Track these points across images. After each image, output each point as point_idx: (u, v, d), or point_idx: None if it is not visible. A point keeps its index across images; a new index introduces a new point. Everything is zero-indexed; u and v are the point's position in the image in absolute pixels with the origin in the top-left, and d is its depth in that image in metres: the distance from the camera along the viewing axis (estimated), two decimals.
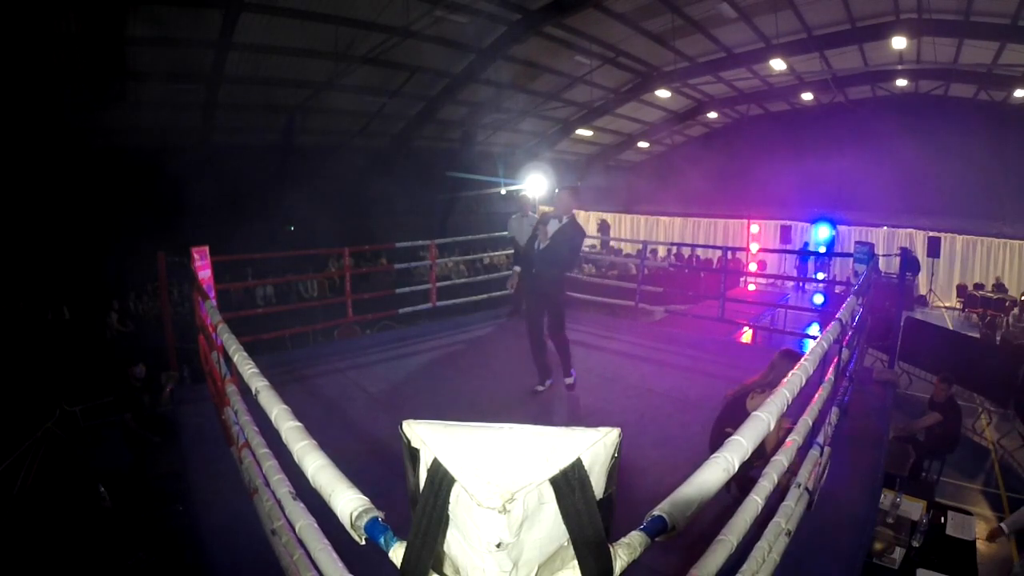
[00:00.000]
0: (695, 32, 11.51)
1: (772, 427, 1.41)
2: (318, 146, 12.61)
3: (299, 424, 1.41)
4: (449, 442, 0.68)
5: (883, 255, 11.09)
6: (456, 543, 0.70)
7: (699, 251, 16.20)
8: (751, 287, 13.65)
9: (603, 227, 18.66)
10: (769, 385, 3.00)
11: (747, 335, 8.52)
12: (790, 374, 1.78)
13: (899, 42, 10.32)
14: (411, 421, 0.72)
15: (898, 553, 3.35)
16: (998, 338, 10.15)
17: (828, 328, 2.45)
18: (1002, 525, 3.69)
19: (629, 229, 19.12)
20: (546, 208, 6.86)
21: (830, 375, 2.75)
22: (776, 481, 1.74)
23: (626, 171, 20.22)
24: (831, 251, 13.52)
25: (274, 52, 9.36)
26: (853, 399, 3.88)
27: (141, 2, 7.49)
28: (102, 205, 9.16)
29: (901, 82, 13.61)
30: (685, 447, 3.54)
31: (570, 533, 0.69)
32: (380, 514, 0.97)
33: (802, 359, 1.99)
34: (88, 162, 9.42)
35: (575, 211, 4.39)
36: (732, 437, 1.26)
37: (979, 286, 13.23)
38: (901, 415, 5.95)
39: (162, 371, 5.57)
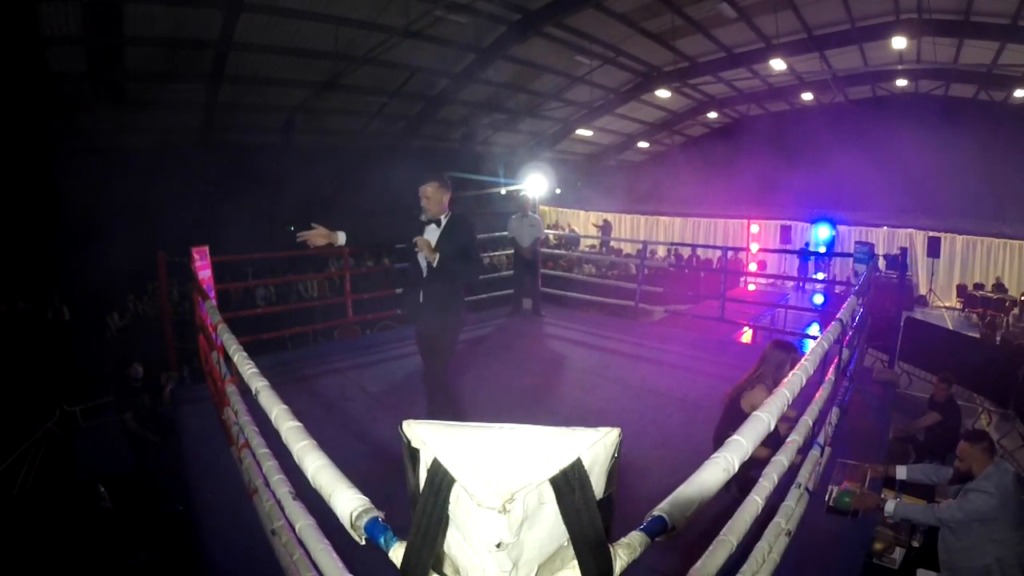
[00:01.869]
0: (695, 32, 11.52)
1: (772, 427, 1.41)
2: (318, 146, 12.61)
3: (299, 424, 1.41)
4: (449, 442, 0.68)
5: (883, 255, 11.09)
6: (456, 543, 0.70)
7: (699, 251, 16.19)
8: (751, 287, 13.64)
9: (605, 227, 18.58)
10: (760, 379, 3.00)
11: (747, 335, 8.52)
12: (791, 374, 1.78)
13: (899, 42, 10.33)
14: (411, 421, 0.72)
15: (898, 553, 3.34)
16: (998, 338, 10.14)
17: (828, 328, 2.45)
18: (887, 504, 2.95)
19: (629, 229, 19.11)
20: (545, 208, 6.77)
21: (830, 375, 2.75)
22: (776, 481, 1.74)
23: (626, 171, 20.23)
24: (831, 251, 13.51)
25: (274, 52, 9.36)
26: (853, 399, 3.88)
27: (141, 2, 7.49)
28: (102, 205, 9.16)
29: (901, 82, 13.61)
30: (685, 447, 3.54)
31: (570, 533, 0.69)
32: (380, 514, 0.97)
33: (794, 351, 1.98)
34: (88, 162, 9.42)
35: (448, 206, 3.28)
36: (732, 437, 1.26)
37: (979, 286, 13.21)
38: (901, 415, 5.95)
39: (162, 371, 5.57)
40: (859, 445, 3.60)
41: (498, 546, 0.65)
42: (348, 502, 1.01)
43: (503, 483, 0.64)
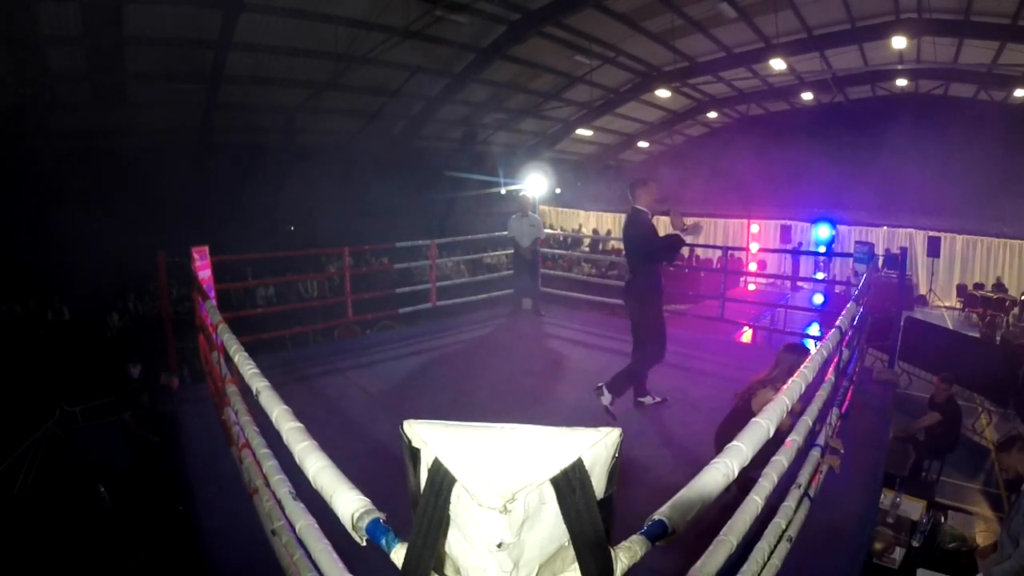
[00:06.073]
0: (695, 32, 11.52)
1: (771, 433, 1.42)
2: (318, 146, 12.61)
3: (300, 425, 1.41)
4: (450, 442, 0.68)
5: (883, 255, 11.09)
6: (457, 543, 0.70)
7: (699, 251, 16.17)
8: (751, 287, 13.63)
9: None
10: (772, 381, 2.99)
11: (747, 335, 8.51)
12: (789, 381, 1.78)
13: (899, 42, 10.33)
14: (412, 421, 0.72)
15: (898, 553, 3.35)
16: (998, 338, 10.14)
17: (827, 336, 2.45)
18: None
19: None
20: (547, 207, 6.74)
21: (830, 375, 2.75)
22: (776, 481, 1.74)
23: (626, 171, 20.22)
24: (831, 251, 13.50)
25: (274, 52, 9.36)
26: (853, 399, 3.88)
27: (141, 2, 7.49)
28: (102, 205, 9.16)
29: (901, 82, 13.62)
30: (685, 448, 3.55)
31: (571, 533, 0.69)
32: (381, 515, 0.97)
33: (805, 354, 1.96)
34: (88, 162, 9.42)
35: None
36: (732, 443, 1.27)
37: (979, 286, 13.21)
38: (901, 415, 5.95)
39: (162, 371, 5.57)
40: (859, 445, 3.60)
41: (499, 546, 0.65)
42: (349, 503, 1.01)
43: (504, 483, 0.64)
